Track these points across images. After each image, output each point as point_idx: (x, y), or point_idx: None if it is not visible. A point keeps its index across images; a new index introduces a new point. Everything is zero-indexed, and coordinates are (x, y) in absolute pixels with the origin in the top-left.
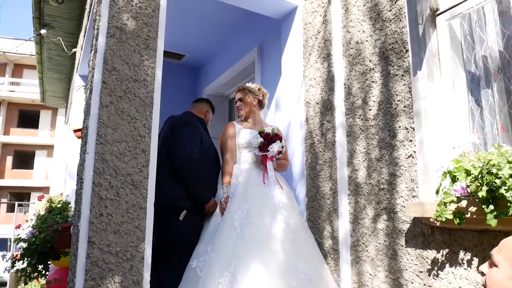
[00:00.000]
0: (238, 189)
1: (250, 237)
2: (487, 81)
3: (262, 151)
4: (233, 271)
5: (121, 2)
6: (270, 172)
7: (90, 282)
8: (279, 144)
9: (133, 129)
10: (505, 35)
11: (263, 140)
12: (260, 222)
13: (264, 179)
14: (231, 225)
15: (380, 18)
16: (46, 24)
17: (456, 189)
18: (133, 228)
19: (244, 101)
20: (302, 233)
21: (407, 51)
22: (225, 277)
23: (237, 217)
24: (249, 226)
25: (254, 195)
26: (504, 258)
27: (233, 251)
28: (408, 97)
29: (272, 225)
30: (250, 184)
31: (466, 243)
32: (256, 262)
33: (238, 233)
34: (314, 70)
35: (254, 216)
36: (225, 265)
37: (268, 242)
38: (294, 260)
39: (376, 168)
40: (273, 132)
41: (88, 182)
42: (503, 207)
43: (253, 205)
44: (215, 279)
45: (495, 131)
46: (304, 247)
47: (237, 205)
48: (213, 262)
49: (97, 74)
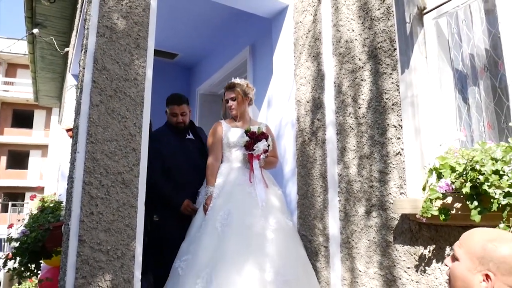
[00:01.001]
0: (224, 189)
1: (229, 237)
2: (474, 79)
3: (248, 149)
4: (209, 272)
5: (111, 2)
6: (256, 171)
7: (80, 280)
8: (265, 143)
9: (123, 128)
10: (491, 34)
11: (248, 139)
12: (240, 223)
13: (250, 178)
14: (212, 226)
15: (369, 17)
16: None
17: (441, 185)
18: (123, 226)
19: (238, 101)
20: (284, 234)
21: (395, 50)
22: (202, 278)
23: (219, 217)
24: (229, 226)
25: (238, 195)
26: (464, 252)
27: (213, 251)
28: (396, 95)
29: (252, 225)
30: (236, 184)
31: (452, 239)
32: (232, 263)
33: (219, 234)
34: (305, 68)
35: (236, 217)
36: (203, 266)
37: (246, 242)
38: (272, 261)
39: (365, 165)
40: (259, 130)
41: (79, 181)
42: (487, 203)
43: (235, 205)
44: (193, 279)
45: (482, 128)
46: (285, 248)
47: (220, 205)
48: (193, 262)
49: (87, 74)
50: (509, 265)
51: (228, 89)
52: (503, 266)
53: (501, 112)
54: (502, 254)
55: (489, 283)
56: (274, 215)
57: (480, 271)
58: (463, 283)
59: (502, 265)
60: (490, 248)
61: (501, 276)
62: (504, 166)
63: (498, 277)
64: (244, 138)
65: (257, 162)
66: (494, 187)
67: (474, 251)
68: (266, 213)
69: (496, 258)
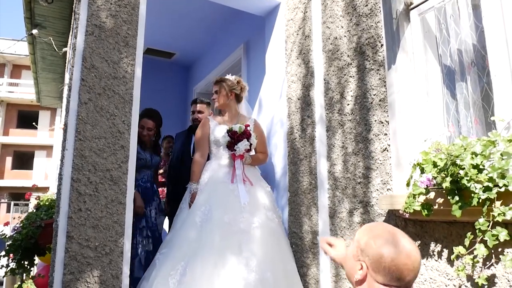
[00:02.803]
0: (207, 185)
1: (207, 232)
2: (461, 74)
3: (230, 149)
4: (184, 265)
5: (100, 1)
6: (238, 171)
7: (68, 276)
8: (246, 143)
9: (112, 126)
10: (479, 29)
11: (229, 139)
12: (220, 219)
13: (232, 178)
14: (192, 220)
15: (357, 13)
16: (37, 24)
17: (422, 180)
18: (112, 223)
19: (219, 93)
20: (267, 231)
21: (382, 46)
22: (176, 270)
23: (200, 213)
24: (209, 222)
25: (221, 192)
26: (356, 239)
27: (190, 245)
28: (383, 91)
29: (233, 222)
30: (220, 181)
31: (437, 235)
32: (209, 257)
33: (198, 228)
34: (296, 66)
35: (216, 212)
36: (180, 258)
37: (225, 238)
38: (250, 258)
39: (353, 162)
40: (240, 130)
41: (67, 178)
42: (467, 198)
43: (217, 202)
44: (167, 271)
45: (470, 123)
46: (266, 246)
47: (203, 201)
48: (169, 254)
49: (76, 72)
50: (381, 265)
51: (214, 83)
52: (375, 265)
53: (488, 107)
54: (376, 254)
55: (362, 272)
56: (258, 213)
57: (359, 260)
58: (350, 264)
59: (374, 263)
60: (370, 245)
61: (372, 272)
62: (483, 161)
63: (370, 272)
64: (226, 138)
65: (240, 161)
66: (473, 181)
67: (360, 242)
68: (248, 211)
69: (372, 255)
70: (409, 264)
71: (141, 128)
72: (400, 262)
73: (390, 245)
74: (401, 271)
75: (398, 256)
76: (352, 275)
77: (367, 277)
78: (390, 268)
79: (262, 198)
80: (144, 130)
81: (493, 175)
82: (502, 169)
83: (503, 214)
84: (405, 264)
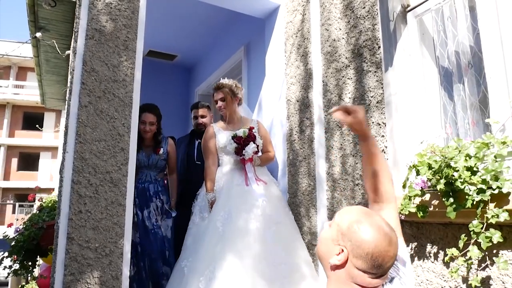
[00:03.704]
0: (223, 190)
1: (230, 235)
2: (459, 76)
3: (238, 155)
4: (212, 269)
5: (100, 5)
6: (250, 174)
7: (69, 277)
8: (253, 146)
9: (112, 128)
10: (476, 30)
11: (236, 145)
12: (240, 220)
13: (246, 182)
14: (214, 226)
15: (355, 15)
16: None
17: (417, 182)
18: (112, 224)
19: (226, 100)
20: (283, 224)
21: (380, 48)
22: (205, 275)
23: (220, 217)
24: (229, 225)
25: (236, 195)
26: (335, 222)
27: (215, 250)
28: (380, 93)
29: (252, 221)
30: (233, 184)
31: (433, 237)
32: (233, 258)
33: (220, 233)
34: (295, 68)
35: (235, 215)
36: (206, 264)
37: (247, 238)
38: (274, 253)
39: (351, 163)
40: (245, 134)
41: (68, 180)
42: (462, 200)
43: (234, 204)
44: (196, 277)
45: (467, 125)
46: (285, 238)
47: (221, 206)
48: (196, 261)
49: (76, 75)
50: (362, 251)
51: (216, 89)
52: (356, 250)
53: (485, 109)
54: (360, 239)
55: (341, 257)
56: (276, 209)
57: (339, 244)
58: (325, 248)
59: (356, 249)
60: (354, 229)
61: (352, 257)
62: (477, 163)
63: (350, 258)
64: (232, 144)
65: (250, 164)
66: (467, 183)
67: (341, 225)
68: (266, 208)
69: (354, 240)
70: (391, 250)
71: (143, 124)
72: (383, 248)
73: (374, 230)
74: (383, 257)
75: (381, 243)
76: (326, 259)
77: (347, 263)
78: (373, 254)
79: (277, 195)
80: (146, 126)
81: (486, 177)
82: (495, 171)
83: (496, 216)
84: (387, 250)
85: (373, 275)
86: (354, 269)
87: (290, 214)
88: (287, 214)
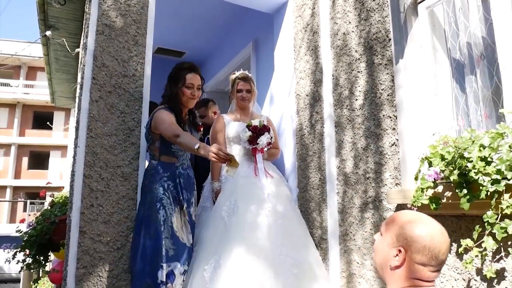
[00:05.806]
0: (229, 181)
1: (236, 226)
2: (471, 67)
3: (252, 144)
4: (217, 258)
5: (110, 1)
6: (259, 164)
7: (81, 270)
8: (268, 136)
9: (122, 123)
10: (488, 21)
11: (251, 133)
12: (247, 211)
13: (255, 171)
14: (219, 216)
15: (365, 8)
16: (51, 26)
17: (430, 174)
18: (123, 218)
19: (252, 93)
20: (291, 219)
21: (390, 40)
22: (210, 264)
23: (225, 208)
24: (236, 215)
25: (243, 186)
26: (386, 229)
27: (220, 240)
28: (391, 85)
29: (259, 213)
30: (240, 176)
31: (446, 229)
32: (240, 248)
33: (226, 223)
34: (304, 62)
35: (242, 206)
36: (211, 253)
37: (254, 229)
38: (281, 245)
39: (362, 157)
40: (261, 124)
41: (79, 174)
42: (476, 191)
43: (241, 196)
44: (201, 266)
45: (479, 117)
46: (293, 233)
47: (226, 197)
48: (200, 251)
49: (87, 71)
50: (420, 244)
51: (244, 79)
52: (414, 245)
53: (498, 100)
54: (416, 234)
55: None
56: (282, 202)
57: (395, 246)
58: (382, 255)
59: (414, 244)
60: (408, 228)
61: (411, 253)
62: (492, 153)
63: (409, 254)
64: (247, 133)
65: (261, 155)
66: (481, 174)
67: (394, 229)
68: (272, 201)
69: (410, 237)
70: (445, 242)
71: (188, 88)
72: (437, 240)
73: (427, 226)
74: (439, 249)
75: (436, 235)
76: (386, 264)
77: (406, 259)
78: (430, 246)
79: (284, 189)
80: (194, 89)
81: (501, 168)
82: (510, 161)
83: (511, 206)
84: (442, 242)
85: (432, 267)
86: (413, 264)
87: (298, 211)
88: (295, 210)
